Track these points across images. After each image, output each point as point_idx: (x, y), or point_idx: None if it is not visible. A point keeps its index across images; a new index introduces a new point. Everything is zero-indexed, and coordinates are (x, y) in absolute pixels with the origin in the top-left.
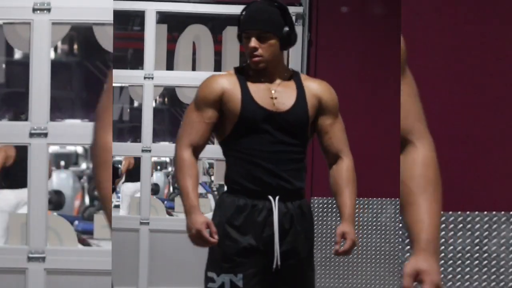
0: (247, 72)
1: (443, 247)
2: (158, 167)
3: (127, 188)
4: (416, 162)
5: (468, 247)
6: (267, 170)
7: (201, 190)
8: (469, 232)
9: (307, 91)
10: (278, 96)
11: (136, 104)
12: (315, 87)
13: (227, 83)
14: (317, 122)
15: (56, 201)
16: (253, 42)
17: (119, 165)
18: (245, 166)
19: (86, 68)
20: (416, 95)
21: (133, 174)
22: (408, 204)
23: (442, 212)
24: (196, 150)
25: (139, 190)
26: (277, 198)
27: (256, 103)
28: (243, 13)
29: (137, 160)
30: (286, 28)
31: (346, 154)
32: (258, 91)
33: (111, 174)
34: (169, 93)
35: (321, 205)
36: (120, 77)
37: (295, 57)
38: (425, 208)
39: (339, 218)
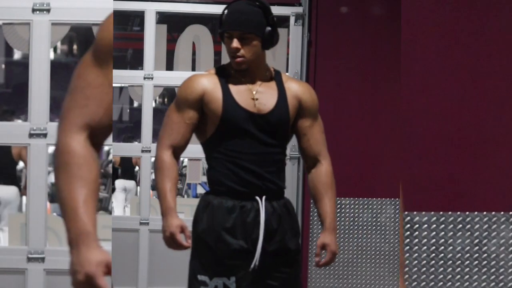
0: (229, 71)
1: (442, 247)
2: None
3: (118, 184)
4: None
5: (468, 248)
6: (252, 171)
7: (201, 190)
8: (469, 233)
9: (288, 92)
10: (259, 97)
11: (135, 104)
12: (295, 88)
13: (207, 83)
14: (296, 123)
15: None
16: (235, 43)
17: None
18: (229, 167)
19: None
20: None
21: (124, 172)
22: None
23: (441, 213)
24: (177, 151)
25: (128, 186)
26: (263, 198)
27: (237, 104)
28: (225, 12)
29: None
30: (268, 28)
31: (324, 157)
32: (239, 92)
33: (73, 177)
34: (169, 93)
35: None
36: (120, 77)
37: (294, 57)
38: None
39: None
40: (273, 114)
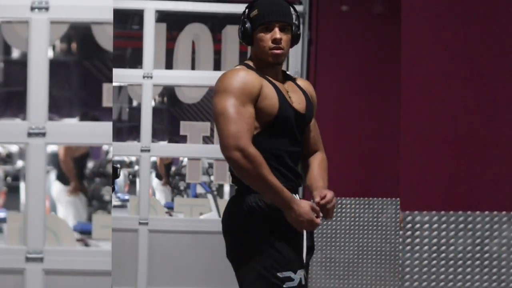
0: (261, 70)
1: (444, 247)
2: None
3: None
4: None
5: (469, 247)
6: (292, 169)
7: (200, 190)
8: (470, 232)
9: (306, 91)
10: (292, 96)
11: (135, 103)
12: (306, 87)
13: (260, 79)
14: None
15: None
16: (278, 34)
17: (119, 165)
18: (275, 166)
19: (85, 67)
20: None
21: None
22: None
23: (443, 212)
24: None
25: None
26: (298, 196)
27: (288, 102)
28: (255, 6)
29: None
30: (296, 23)
31: (322, 149)
32: (282, 90)
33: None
34: (168, 92)
35: None
36: (119, 76)
37: (295, 56)
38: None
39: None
40: (308, 113)
